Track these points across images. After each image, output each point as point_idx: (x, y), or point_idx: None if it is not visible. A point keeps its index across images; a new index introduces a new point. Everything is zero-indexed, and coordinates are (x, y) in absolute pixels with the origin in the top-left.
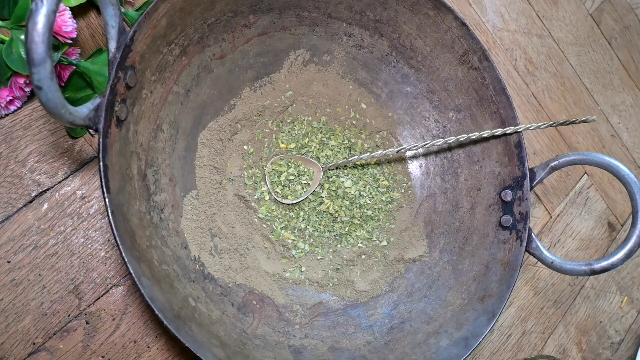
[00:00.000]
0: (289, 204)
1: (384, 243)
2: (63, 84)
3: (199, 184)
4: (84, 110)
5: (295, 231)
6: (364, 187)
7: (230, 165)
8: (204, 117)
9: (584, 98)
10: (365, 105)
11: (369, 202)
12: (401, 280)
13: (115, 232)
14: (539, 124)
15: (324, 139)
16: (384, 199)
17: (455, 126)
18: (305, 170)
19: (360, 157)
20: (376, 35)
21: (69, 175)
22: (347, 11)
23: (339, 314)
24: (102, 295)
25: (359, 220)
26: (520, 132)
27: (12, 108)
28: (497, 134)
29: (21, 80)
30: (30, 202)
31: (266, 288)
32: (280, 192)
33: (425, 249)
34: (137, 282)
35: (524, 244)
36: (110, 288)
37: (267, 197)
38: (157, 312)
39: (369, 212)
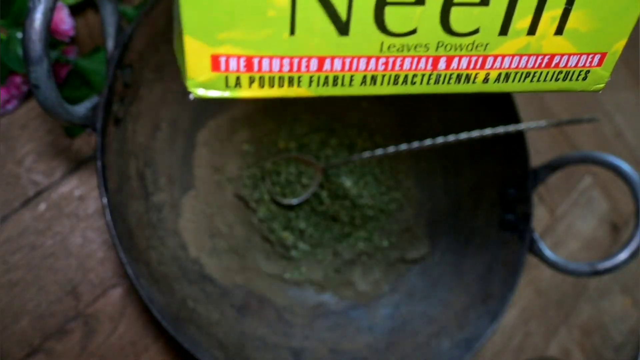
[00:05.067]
0: (288, 204)
1: (385, 244)
2: (61, 83)
3: (197, 183)
4: (81, 109)
5: (295, 232)
6: (365, 187)
7: (229, 164)
8: (203, 116)
9: (587, 97)
10: (367, 104)
11: (369, 202)
12: (402, 281)
13: (113, 232)
14: (541, 123)
15: (324, 138)
16: (384, 199)
17: (457, 125)
18: (305, 170)
19: (361, 156)
20: None
21: (67, 175)
22: None
23: (340, 315)
24: (100, 297)
25: (359, 220)
26: (523, 131)
27: (9, 107)
28: (499, 133)
29: (18, 79)
30: (27, 202)
31: (266, 289)
32: (280, 192)
33: (427, 250)
34: (136, 283)
35: (527, 244)
36: (109, 289)
37: (266, 197)
38: (155, 313)
39: (370, 213)
